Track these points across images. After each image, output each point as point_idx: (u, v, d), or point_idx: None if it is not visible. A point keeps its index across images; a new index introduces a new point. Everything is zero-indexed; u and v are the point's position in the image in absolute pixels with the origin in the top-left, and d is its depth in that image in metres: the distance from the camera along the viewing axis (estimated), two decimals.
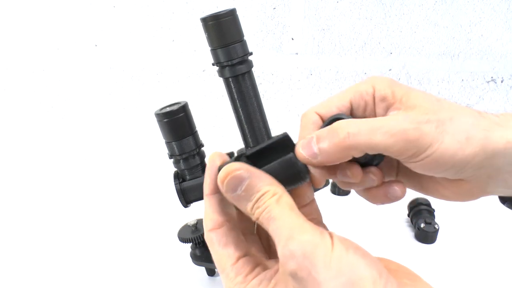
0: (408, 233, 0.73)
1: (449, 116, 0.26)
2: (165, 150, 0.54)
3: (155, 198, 0.84)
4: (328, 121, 0.29)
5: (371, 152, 0.27)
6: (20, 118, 1.03)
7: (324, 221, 0.56)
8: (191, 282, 0.63)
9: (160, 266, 0.67)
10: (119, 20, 0.95)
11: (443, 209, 0.77)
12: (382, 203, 0.31)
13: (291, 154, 0.27)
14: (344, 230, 0.74)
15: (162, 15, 0.94)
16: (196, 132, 0.54)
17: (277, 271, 0.26)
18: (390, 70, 0.97)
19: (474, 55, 0.95)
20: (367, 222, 0.77)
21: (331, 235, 0.25)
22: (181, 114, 0.51)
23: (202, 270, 0.63)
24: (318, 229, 0.25)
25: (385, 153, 0.26)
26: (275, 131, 0.57)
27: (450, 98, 0.99)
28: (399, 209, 0.79)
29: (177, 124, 0.51)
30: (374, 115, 0.29)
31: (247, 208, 0.26)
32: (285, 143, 0.28)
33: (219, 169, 0.28)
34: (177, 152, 0.52)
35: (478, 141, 0.26)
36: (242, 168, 0.26)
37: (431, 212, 0.74)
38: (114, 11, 0.94)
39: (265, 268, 0.27)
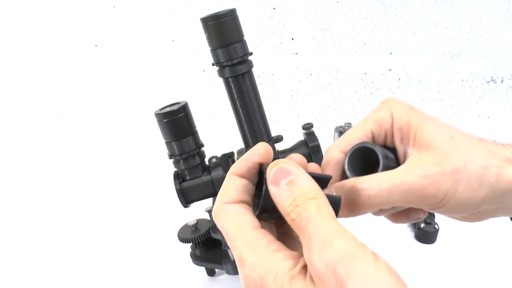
0: (408, 233, 0.73)
1: (463, 161, 0.27)
2: (165, 150, 0.54)
3: (155, 198, 0.84)
4: (352, 151, 0.30)
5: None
6: (20, 118, 1.03)
7: None
8: (191, 282, 0.63)
9: (160, 266, 0.67)
10: (119, 20, 0.95)
11: None
12: (402, 222, 0.33)
13: None
14: None
15: (162, 15, 0.94)
16: (196, 132, 0.54)
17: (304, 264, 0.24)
18: (390, 70, 0.97)
19: (474, 55, 0.95)
20: (367, 222, 0.76)
21: (373, 252, 0.23)
22: (181, 114, 0.51)
23: (202, 270, 0.63)
24: (359, 240, 0.23)
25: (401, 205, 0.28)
26: (275, 131, 0.57)
27: (450, 98, 0.99)
28: None
29: (177, 124, 0.51)
30: (393, 144, 0.30)
31: (286, 204, 0.24)
32: (325, 183, 0.28)
33: (260, 165, 0.28)
34: (177, 152, 0.52)
35: (490, 185, 0.27)
36: (292, 164, 0.25)
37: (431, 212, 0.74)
38: (114, 11, 0.94)
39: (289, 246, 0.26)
